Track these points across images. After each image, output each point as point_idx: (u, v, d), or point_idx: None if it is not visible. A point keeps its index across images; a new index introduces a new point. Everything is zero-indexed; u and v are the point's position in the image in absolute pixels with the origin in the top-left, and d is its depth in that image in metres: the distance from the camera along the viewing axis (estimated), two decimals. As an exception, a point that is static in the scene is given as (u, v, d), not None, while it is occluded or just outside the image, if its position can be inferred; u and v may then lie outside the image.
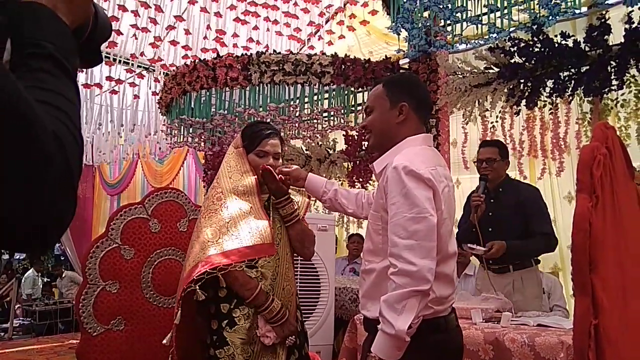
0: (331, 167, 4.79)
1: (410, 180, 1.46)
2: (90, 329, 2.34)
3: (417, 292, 1.37)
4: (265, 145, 2.03)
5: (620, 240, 1.21)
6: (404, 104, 1.65)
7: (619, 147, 1.32)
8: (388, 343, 1.39)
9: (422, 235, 1.41)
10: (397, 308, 1.37)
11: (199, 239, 1.84)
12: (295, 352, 1.99)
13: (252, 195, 1.92)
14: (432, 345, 1.54)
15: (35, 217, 0.57)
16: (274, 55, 3.87)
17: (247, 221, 1.83)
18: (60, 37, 0.65)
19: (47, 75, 0.62)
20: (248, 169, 1.98)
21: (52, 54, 0.63)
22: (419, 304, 1.38)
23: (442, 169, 1.62)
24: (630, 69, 3.11)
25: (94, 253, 2.40)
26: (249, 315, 1.88)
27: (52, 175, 0.57)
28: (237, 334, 1.86)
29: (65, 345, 5.97)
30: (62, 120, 0.60)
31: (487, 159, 3.18)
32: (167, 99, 4.38)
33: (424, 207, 1.43)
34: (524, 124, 4.02)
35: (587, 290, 1.08)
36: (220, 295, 1.91)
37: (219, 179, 1.99)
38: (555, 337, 2.19)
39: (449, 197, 1.61)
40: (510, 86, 3.51)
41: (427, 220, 1.42)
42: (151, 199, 2.56)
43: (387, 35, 4.95)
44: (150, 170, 8.52)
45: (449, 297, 1.63)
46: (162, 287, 2.52)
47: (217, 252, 1.76)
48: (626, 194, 1.33)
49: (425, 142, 1.67)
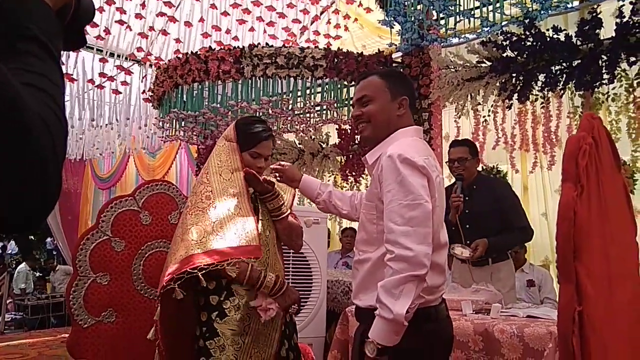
0: (324, 160, 4.79)
1: (405, 168, 1.48)
2: (81, 321, 2.34)
3: (414, 277, 1.39)
4: (260, 147, 2.01)
5: (605, 230, 1.22)
6: (404, 98, 1.69)
7: (605, 138, 1.33)
8: (386, 328, 1.41)
9: (418, 222, 1.43)
10: (394, 293, 1.39)
11: (183, 236, 1.82)
12: (285, 343, 2.00)
13: (242, 195, 1.91)
14: (423, 334, 1.55)
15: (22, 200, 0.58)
16: (266, 49, 3.86)
17: (234, 222, 1.83)
18: (44, 20, 0.65)
19: (32, 58, 0.62)
20: (239, 166, 1.96)
21: (36, 36, 0.63)
22: (416, 289, 1.40)
23: (433, 160, 1.64)
24: (621, 63, 3.12)
25: (85, 245, 2.39)
26: (240, 307, 1.88)
27: (39, 158, 0.57)
28: (227, 325, 1.86)
29: (58, 340, 5.96)
30: (47, 102, 0.60)
31: (458, 159, 3.26)
32: (159, 92, 4.36)
33: (419, 194, 1.45)
34: (515, 118, 4.04)
35: (572, 277, 1.09)
36: (209, 287, 1.90)
37: (208, 174, 1.96)
38: (544, 328, 2.21)
39: (440, 187, 1.63)
40: (502, 80, 3.52)
41: (423, 207, 1.44)
42: (142, 191, 2.55)
43: (380, 29, 4.94)
44: (143, 164, 8.50)
45: (439, 286, 1.64)
46: (153, 279, 2.51)
47: (200, 252, 1.75)
48: (612, 185, 1.34)
49: (417, 134, 1.71)
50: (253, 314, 1.90)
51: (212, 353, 1.83)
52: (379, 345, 1.42)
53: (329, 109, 4.19)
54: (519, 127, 4.05)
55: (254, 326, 1.91)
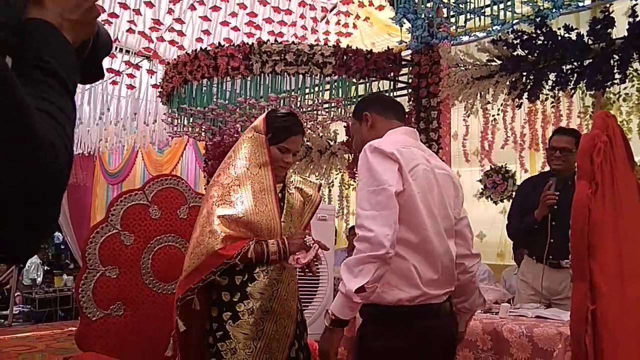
0: (332, 158, 4.79)
1: (374, 157, 1.56)
2: (90, 314, 2.35)
3: (374, 258, 1.44)
4: (290, 142, 1.97)
5: (619, 227, 1.22)
6: (366, 113, 1.79)
7: (619, 136, 1.32)
8: (341, 301, 1.50)
9: (383, 206, 1.49)
10: (354, 270, 1.46)
11: (211, 227, 1.84)
12: (295, 343, 1.97)
13: (269, 192, 1.91)
14: (420, 330, 1.57)
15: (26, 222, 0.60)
16: (275, 45, 3.86)
17: (259, 220, 1.85)
18: (63, 54, 0.68)
19: (49, 89, 0.65)
20: (267, 161, 1.93)
21: (55, 70, 0.66)
22: (377, 269, 1.44)
23: (419, 151, 1.67)
24: (633, 63, 3.10)
25: (94, 238, 2.40)
26: (253, 311, 1.85)
27: (47, 183, 0.60)
28: (240, 328, 1.83)
29: (65, 332, 6.00)
30: (59, 132, 0.63)
31: (562, 149, 2.92)
32: (168, 88, 4.37)
33: (384, 180, 1.51)
34: (525, 117, 4.02)
35: (585, 275, 1.08)
36: (222, 284, 1.88)
37: (235, 167, 1.94)
38: (553, 329, 2.20)
39: (426, 177, 1.62)
40: (512, 79, 3.50)
41: (386, 191, 1.49)
42: (151, 185, 2.56)
43: (389, 27, 4.93)
44: (151, 160, 8.53)
45: (438, 280, 1.60)
46: (162, 273, 2.52)
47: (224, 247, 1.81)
48: (626, 183, 1.33)
49: (406, 133, 1.76)
50: (267, 318, 1.88)
51: (223, 355, 1.82)
52: (333, 316, 1.52)
53: (337, 106, 4.19)
54: (529, 126, 4.03)
55: (267, 331, 1.88)
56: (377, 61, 3.95)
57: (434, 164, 1.69)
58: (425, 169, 1.63)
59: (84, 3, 0.71)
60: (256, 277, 1.87)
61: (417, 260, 1.56)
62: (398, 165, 1.54)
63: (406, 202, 1.54)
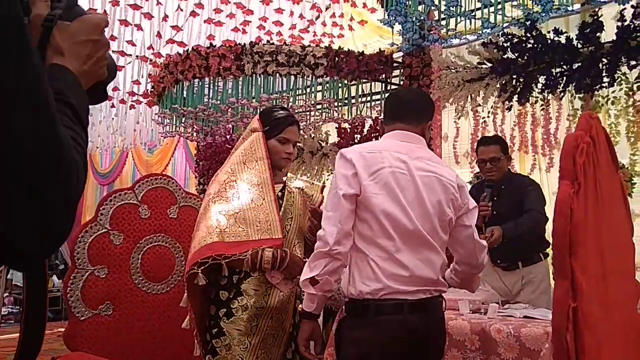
0: (323, 159, 4.79)
1: (337, 162, 1.71)
2: (78, 313, 2.34)
3: (323, 254, 1.61)
4: (288, 133, 2.02)
5: (602, 228, 1.23)
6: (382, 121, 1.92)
7: (603, 137, 1.34)
8: (304, 295, 1.70)
9: (334, 207, 1.64)
10: (310, 265, 1.65)
11: (207, 222, 1.84)
12: (292, 344, 1.97)
13: (266, 185, 1.92)
14: (385, 323, 1.61)
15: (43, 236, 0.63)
16: (267, 46, 3.86)
17: (257, 214, 1.86)
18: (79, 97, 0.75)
19: (68, 118, 0.71)
20: (263, 155, 1.97)
21: (72, 104, 0.73)
22: (326, 264, 1.61)
23: (395, 154, 1.70)
24: (621, 67, 3.13)
25: (83, 237, 2.39)
26: (247, 307, 1.86)
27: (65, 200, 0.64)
28: (234, 324, 1.84)
29: (54, 333, 5.95)
30: (78, 150, 0.69)
31: (491, 159, 3.02)
32: (159, 87, 4.37)
33: (337, 184, 1.65)
34: (515, 120, 4.05)
35: (567, 273, 1.10)
36: (221, 282, 1.90)
37: (232, 164, 1.97)
38: (540, 328, 2.22)
39: (395, 178, 1.67)
40: (502, 81, 3.52)
41: (337, 194, 1.64)
42: (141, 184, 2.56)
43: (381, 29, 4.94)
44: (141, 160, 8.50)
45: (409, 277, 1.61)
46: (151, 273, 2.52)
47: (221, 241, 1.81)
48: (609, 184, 1.34)
49: (395, 136, 1.80)
50: (262, 314, 1.89)
51: (218, 352, 1.83)
52: (301, 309, 1.72)
53: (328, 107, 4.20)
54: (519, 128, 4.06)
55: (262, 327, 1.89)
56: (369, 63, 3.96)
57: (415, 166, 1.70)
58: (392, 172, 1.67)
59: (95, 54, 0.78)
60: (251, 274, 1.88)
61: (379, 255, 1.63)
62: (354, 170, 1.65)
63: (364, 202, 1.64)
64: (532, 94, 3.49)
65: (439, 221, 1.71)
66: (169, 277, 2.59)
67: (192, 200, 2.70)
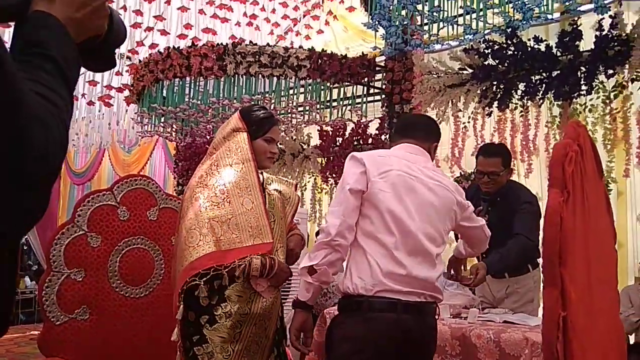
0: (305, 162, 4.78)
1: (348, 162, 1.77)
2: (53, 318, 2.27)
3: (324, 244, 1.66)
4: (273, 132, 2.01)
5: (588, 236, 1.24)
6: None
7: (589, 145, 1.36)
8: (300, 283, 1.73)
9: (339, 201, 1.70)
10: (310, 255, 1.69)
11: (201, 230, 1.80)
12: (274, 350, 1.95)
13: (254, 188, 1.90)
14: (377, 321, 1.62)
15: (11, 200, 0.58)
16: (250, 47, 3.84)
17: (248, 219, 1.85)
18: (64, 47, 0.70)
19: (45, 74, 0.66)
20: (250, 157, 1.94)
21: (54, 57, 0.68)
22: (326, 254, 1.66)
23: (403, 160, 1.78)
24: (599, 75, 3.20)
25: (59, 240, 2.32)
26: (231, 314, 1.82)
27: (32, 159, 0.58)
28: (217, 332, 1.80)
29: (27, 337, 5.82)
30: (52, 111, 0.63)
31: (490, 173, 2.84)
32: (139, 86, 4.29)
33: (346, 180, 1.71)
34: (495, 126, 4.09)
35: (557, 282, 1.10)
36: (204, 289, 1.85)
37: (218, 166, 1.93)
38: (520, 334, 2.24)
39: (403, 181, 1.73)
40: (483, 87, 3.57)
41: (343, 189, 1.70)
42: (120, 185, 2.50)
43: (364, 32, 4.96)
44: (118, 160, 8.35)
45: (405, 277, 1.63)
46: (130, 276, 2.46)
47: (219, 250, 1.79)
48: (595, 193, 1.36)
49: (402, 147, 1.87)
50: (245, 321, 1.85)
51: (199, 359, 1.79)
52: (295, 298, 1.75)
53: (311, 110, 4.19)
54: (498, 134, 4.11)
55: (245, 334, 1.85)
56: (352, 66, 3.97)
57: (423, 174, 1.77)
58: (400, 174, 1.73)
59: (92, 3, 0.73)
60: (235, 280, 1.85)
61: (377, 252, 1.65)
62: (363, 168, 1.70)
63: (371, 199, 1.69)
64: (511, 101, 3.54)
65: (440, 228, 1.77)
66: (147, 280, 2.53)
67: (172, 202, 2.65)
